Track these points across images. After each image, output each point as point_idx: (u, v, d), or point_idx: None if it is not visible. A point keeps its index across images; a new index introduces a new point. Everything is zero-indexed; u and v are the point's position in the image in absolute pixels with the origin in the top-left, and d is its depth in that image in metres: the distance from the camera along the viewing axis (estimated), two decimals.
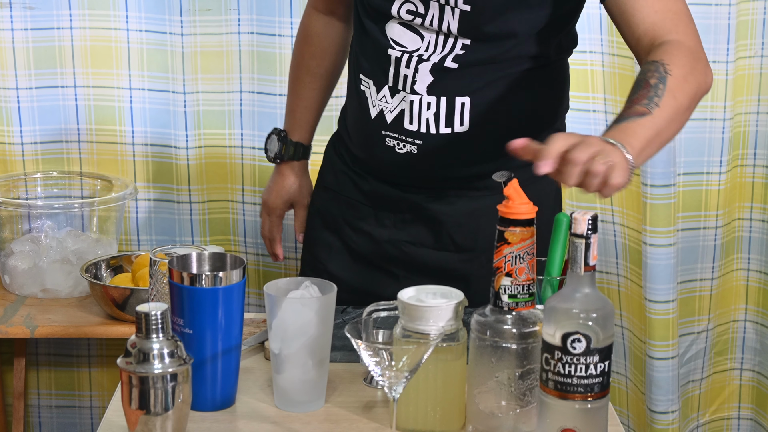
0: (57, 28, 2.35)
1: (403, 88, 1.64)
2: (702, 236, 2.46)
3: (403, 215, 1.72)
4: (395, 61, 1.64)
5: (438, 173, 1.67)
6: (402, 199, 1.72)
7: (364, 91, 1.69)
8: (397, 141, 1.66)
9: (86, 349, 2.52)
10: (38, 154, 2.41)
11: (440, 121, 1.63)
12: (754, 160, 2.45)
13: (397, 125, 1.65)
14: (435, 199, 1.70)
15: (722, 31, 2.35)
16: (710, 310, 2.50)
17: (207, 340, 1.34)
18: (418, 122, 1.64)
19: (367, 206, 1.75)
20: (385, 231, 1.74)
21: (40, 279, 2.23)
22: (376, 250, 1.74)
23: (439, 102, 1.63)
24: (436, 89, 1.62)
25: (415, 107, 1.63)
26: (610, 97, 2.38)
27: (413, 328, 1.29)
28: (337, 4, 1.84)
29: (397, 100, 1.65)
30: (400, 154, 1.67)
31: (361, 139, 1.73)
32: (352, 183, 1.76)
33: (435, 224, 1.71)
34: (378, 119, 1.67)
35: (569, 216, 1.33)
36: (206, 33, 2.35)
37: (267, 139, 1.91)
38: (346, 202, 1.77)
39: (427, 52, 1.62)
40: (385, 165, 1.70)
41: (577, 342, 1.22)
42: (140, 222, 2.45)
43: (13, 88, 2.37)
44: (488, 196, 1.68)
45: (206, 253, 1.39)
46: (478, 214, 1.70)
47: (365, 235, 1.75)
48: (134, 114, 2.40)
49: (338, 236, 1.78)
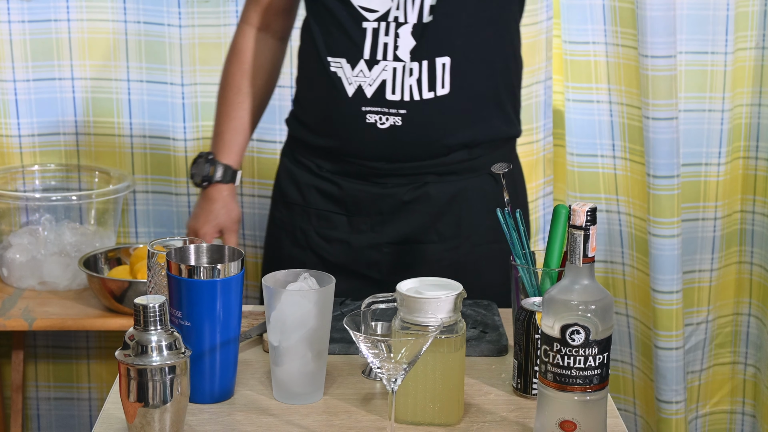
0: (54, 20, 2.35)
1: (383, 57, 1.62)
2: (701, 227, 2.45)
3: (381, 216, 1.70)
4: (372, 32, 1.62)
5: (422, 146, 1.66)
6: (379, 197, 1.69)
7: (335, 72, 1.65)
8: (379, 115, 1.64)
9: (84, 342, 2.52)
10: (36, 147, 2.41)
11: (423, 87, 1.63)
12: (756, 152, 2.45)
13: (379, 98, 1.63)
14: (414, 190, 1.69)
15: (721, 23, 2.35)
16: (709, 301, 2.50)
17: (205, 332, 1.34)
18: (402, 91, 1.63)
19: (340, 215, 1.72)
20: (363, 236, 1.71)
21: (38, 271, 2.23)
22: (354, 257, 1.71)
23: (421, 67, 1.62)
24: (419, 53, 1.62)
25: (398, 75, 1.62)
26: (614, 87, 2.38)
27: (412, 320, 1.29)
28: (273, 17, 1.79)
29: (377, 72, 1.63)
30: (383, 130, 1.64)
31: (335, 127, 1.68)
32: (319, 193, 1.73)
33: (416, 217, 1.70)
34: (356, 96, 1.64)
35: (568, 207, 1.32)
36: (204, 24, 2.34)
37: (193, 163, 1.83)
38: (315, 214, 1.73)
39: (399, 11, 1.61)
40: (366, 147, 1.66)
41: (576, 334, 1.22)
42: (138, 214, 2.45)
43: (10, 80, 2.36)
44: (467, 179, 1.68)
45: (204, 245, 1.39)
46: (459, 200, 1.70)
47: (341, 245, 1.72)
48: (132, 106, 2.39)
49: (311, 251, 1.74)
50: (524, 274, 1.42)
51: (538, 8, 2.34)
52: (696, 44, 2.37)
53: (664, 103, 2.28)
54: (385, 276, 1.70)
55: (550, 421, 1.24)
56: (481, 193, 1.71)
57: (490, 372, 1.46)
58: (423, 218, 1.70)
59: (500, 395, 1.40)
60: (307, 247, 1.74)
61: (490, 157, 1.70)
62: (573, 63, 2.38)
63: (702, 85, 2.39)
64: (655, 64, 2.26)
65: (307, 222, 1.74)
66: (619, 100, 2.38)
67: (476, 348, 1.50)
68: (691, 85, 2.39)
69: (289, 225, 1.77)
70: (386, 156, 1.66)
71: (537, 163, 2.43)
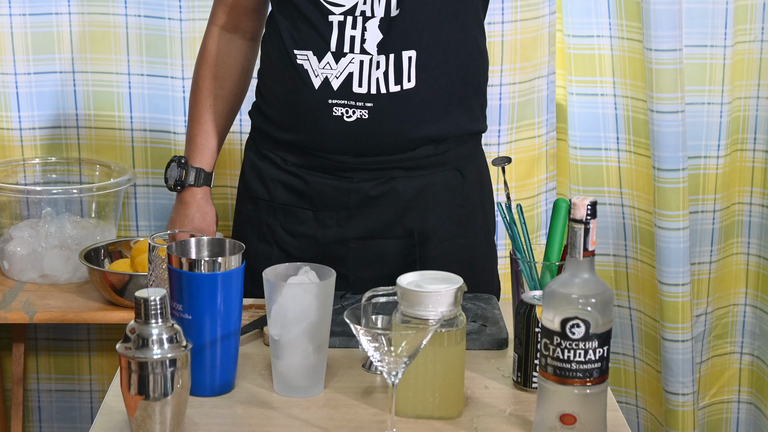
0: (55, 14, 2.35)
1: (350, 50, 1.62)
2: (700, 220, 2.46)
3: (348, 211, 1.69)
4: (338, 25, 1.62)
5: (389, 140, 1.65)
6: (346, 191, 1.68)
7: (301, 64, 1.64)
8: (345, 108, 1.63)
9: (86, 334, 2.52)
10: (37, 140, 2.41)
11: (389, 80, 1.63)
12: (754, 144, 2.45)
13: (345, 90, 1.63)
14: (381, 185, 1.68)
15: (720, 16, 2.35)
16: (709, 293, 2.50)
17: (206, 325, 1.34)
18: (368, 84, 1.62)
19: (306, 209, 1.71)
20: (329, 231, 1.70)
21: (39, 264, 2.23)
22: (321, 252, 1.69)
23: (387, 60, 1.62)
24: (386, 46, 1.62)
25: (365, 68, 1.62)
26: (619, 80, 2.38)
27: (412, 314, 1.29)
28: (242, 18, 1.77)
29: (344, 64, 1.63)
30: (349, 123, 1.64)
31: (301, 120, 1.67)
32: (285, 188, 1.71)
33: (383, 212, 1.69)
34: (323, 88, 1.64)
35: (568, 201, 1.33)
36: (205, 18, 2.33)
37: (166, 168, 1.82)
38: (281, 209, 1.72)
39: (366, 5, 1.61)
40: (333, 141, 1.65)
41: (576, 327, 1.22)
42: (139, 207, 2.45)
43: (11, 73, 2.36)
44: (434, 174, 1.68)
45: (205, 239, 1.39)
46: (426, 195, 1.69)
47: (307, 240, 1.71)
48: (133, 99, 2.39)
49: (277, 246, 1.73)
50: (524, 268, 1.42)
51: (540, 3, 2.34)
52: (696, 38, 2.37)
53: (669, 97, 2.28)
54: (351, 271, 1.69)
55: (550, 415, 1.25)
56: (448, 188, 1.71)
57: (490, 365, 1.46)
58: (390, 213, 1.69)
59: (500, 389, 1.41)
60: (273, 242, 1.73)
61: (456, 152, 1.70)
62: (576, 57, 2.38)
63: (701, 79, 2.39)
64: (659, 58, 2.26)
65: (272, 217, 1.73)
66: (624, 93, 2.38)
67: (476, 341, 1.51)
68: (691, 79, 2.39)
69: (254, 220, 1.75)
70: (353, 150, 1.66)
71: (540, 158, 2.43)
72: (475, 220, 1.75)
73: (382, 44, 1.62)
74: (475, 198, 1.74)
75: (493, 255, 1.81)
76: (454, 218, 1.72)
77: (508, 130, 2.39)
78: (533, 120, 2.40)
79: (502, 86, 2.33)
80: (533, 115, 2.40)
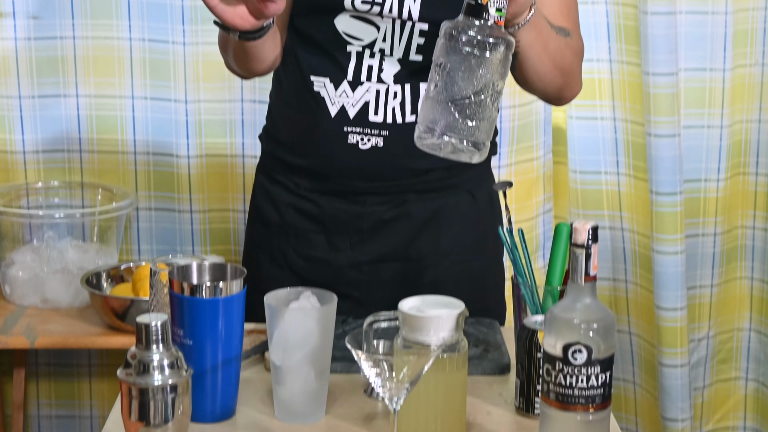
0: (60, 38, 2.36)
1: (367, 79, 1.63)
2: (701, 243, 2.46)
3: (361, 234, 1.69)
4: (357, 56, 1.62)
5: (403, 167, 1.65)
6: (359, 215, 1.68)
7: (318, 92, 1.64)
8: (361, 135, 1.63)
9: (86, 359, 2.52)
10: (40, 163, 2.41)
11: (406, 110, 1.63)
12: (756, 168, 2.45)
13: (362, 118, 1.63)
14: (394, 208, 1.69)
15: (719, 39, 2.36)
16: (710, 317, 2.50)
17: (207, 350, 1.34)
18: (384, 113, 1.63)
19: (318, 234, 1.70)
20: (342, 255, 1.69)
21: (41, 289, 2.23)
22: (334, 277, 1.69)
23: (404, 90, 1.63)
24: (403, 77, 1.62)
25: (381, 97, 1.62)
26: (618, 104, 2.38)
27: (414, 339, 1.29)
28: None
29: (360, 93, 1.63)
30: (364, 151, 1.63)
31: (316, 146, 1.67)
32: (297, 212, 1.71)
33: (395, 235, 1.69)
34: (339, 116, 1.64)
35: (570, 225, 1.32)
36: (208, 42, 2.35)
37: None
38: (293, 233, 1.71)
39: (385, 43, 1.61)
40: (347, 167, 1.65)
41: (578, 353, 1.21)
42: (141, 231, 2.45)
43: (15, 96, 2.37)
44: (446, 196, 1.69)
45: (207, 264, 1.39)
46: (438, 218, 1.70)
47: (320, 264, 1.70)
48: (136, 122, 2.40)
49: (290, 270, 1.72)
50: (526, 293, 1.42)
51: None
52: (695, 61, 2.38)
53: (666, 120, 2.29)
54: (364, 294, 1.69)
55: None
56: (460, 211, 1.71)
57: (493, 391, 1.46)
58: (403, 236, 1.69)
59: (503, 414, 1.40)
60: (286, 267, 1.72)
61: (467, 174, 1.71)
62: None
63: (701, 102, 2.40)
64: (657, 82, 2.27)
65: (285, 241, 1.72)
66: (624, 116, 2.39)
67: (478, 367, 1.50)
68: (690, 102, 2.39)
69: (266, 244, 1.75)
70: (366, 175, 1.66)
71: (537, 180, 2.43)
72: (486, 243, 1.75)
73: (398, 75, 1.62)
74: (486, 220, 1.74)
75: (502, 277, 1.81)
76: (467, 240, 1.72)
77: (508, 152, 2.39)
78: (532, 142, 2.41)
79: (502, 109, 2.34)
80: (532, 138, 2.40)
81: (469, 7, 1.30)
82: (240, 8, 1.44)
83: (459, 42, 1.30)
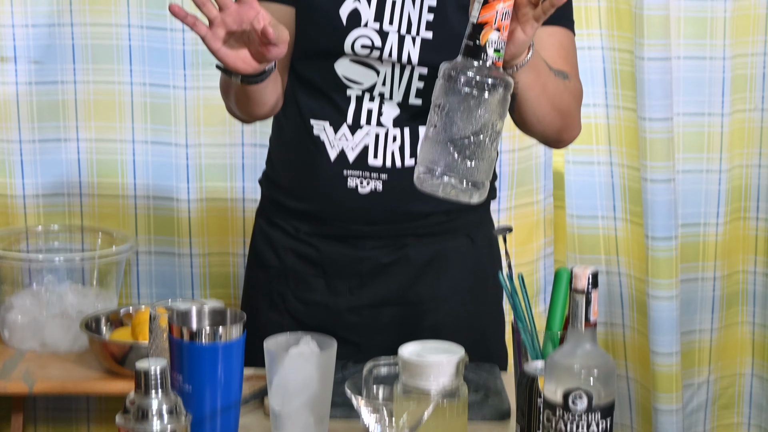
0: (61, 82, 2.37)
1: (367, 122, 1.63)
2: (700, 287, 2.46)
3: (360, 278, 1.69)
4: (356, 99, 1.63)
5: (402, 209, 1.65)
6: (358, 259, 1.68)
7: (318, 136, 1.65)
8: (360, 179, 1.64)
9: (85, 405, 2.50)
10: (40, 208, 2.42)
11: (405, 154, 1.64)
12: (757, 212, 2.46)
13: (361, 162, 1.64)
14: (394, 252, 1.69)
15: (717, 84, 2.38)
16: (710, 361, 2.49)
17: (206, 396, 1.33)
18: (383, 156, 1.63)
19: (318, 278, 1.70)
20: (341, 299, 1.69)
21: (40, 333, 2.22)
22: (333, 321, 1.69)
23: (403, 134, 1.63)
24: (402, 121, 1.63)
25: (380, 141, 1.63)
26: (615, 149, 2.39)
27: (414, 385, 1.28)
28: None
29: (360, 136, 1.64)
30: (363, 195, 1.64)
31: (315, 190, 1.67)
32: (296, 256, 1.71)
33: (395, 279, 1.69)
34: (339, 160, 1.64)
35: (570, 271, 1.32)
36: (209, 86, 2.36)
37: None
38: (293, 277, 1.71)
39: (384, 87, 1.62)
40: (346, 211, 1.66)
41: (579, 399, 1.21)
42: (141, 275, 2.45)
43: (16, 141, 2.38)
44: (446, 240, 1.69)
45: (206, 309, 1.38)
46: (438, 262, 1.69)
47: (319, 308, 1.70)
48: (136, 166, 2.41)
49: (289, 314, 1.72)
50: (526, 338, 1.41)
51: None
52: (693, 106, 2.39)
53: (661, 165, 2.30)
54: (363, 339, 1.69)
55: None
56: (459, 255, 1.71)
57: None
58: (402, 280, 1.69)
59: None
60: (285, 311, 1.72)
61: (467, 219, 1.71)
62: None
63: (699, 146, 2.41)
64: (652, 127, 2.28)
65: (284, 285, 1.72)
66: (620, 161, 2.40)
67: (478, 412, 1.49)
68: (689, 146, 2.40)
69: (265, 288, 1.75)
70: (365, 219, 1.66)
71: (537, 224, 2.43)
72: (486, 287, 1.75)
73: (398, 119, 1.63)
74: (486, 264, 1.74)
75: (502, 322, 1.81)
76: (466, 285, 1.72)
77: (508, 196, 2.40)
78: (532, 186, 2.41)
79: (502, 153, 2.35)
80: (531, 182, 2.41)
81: (468, 48, 1.31)
82: (242, 52, 1.46)
83: (458, 82, 1.30)
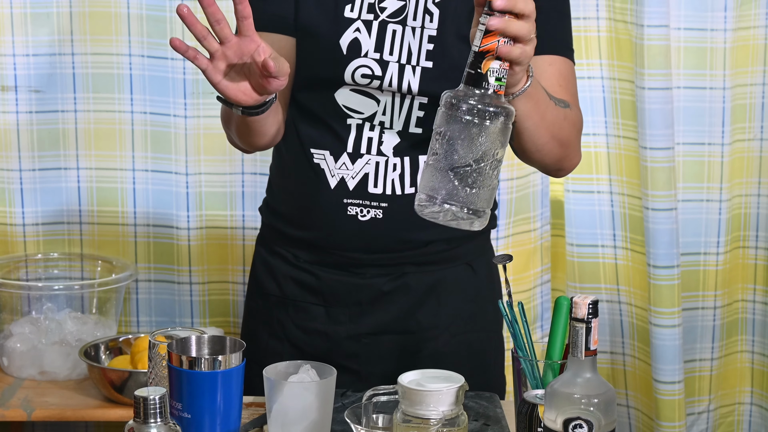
0: (61, 111, 2.38)
1: (367, 151, 1.64)
2: (700, 316, 2.45)
3: (360, 306, 1.69)
4: (356, 128, 1.64)
5: (402, 239, 1.66)
6: (358, 287, 1.68)
7: (318, 164, 1.66)
8: (360, 207, 1.64)
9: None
10: (40, 236, 2.42)
11: (405, 182, 1.64)
12: (756, 242, 2.46)
13: (361, 190, 1.64)
14: (394, 280, 1.69)
15: (717, 114, 2.39)
16: (710, 390, 2.48)
17: (205, 424, 1.33)
18: (383, 185, 1.64)
19: (317, 306, 1.70)
20: (341, 327, 1.69)
21: (39, 361, 2.22)
22: (333, 349, 1.68)
23: (403, 162, 1.64)
24: (402, 150, 1.64)
25: (380, 169, 1.63)
26: (615, 178, 2.40)
27: (413, 413, 1.28)
28: None
29: (360, 165, 1.64)
30: (363, 222, 1.64)
31: (315, 218, 1.67)
32: (296, 284, 1.71)
33: (395, 307, 1.69)
34: (339, 188, 1.65)
35: (570, 300, 1.32)
36: (209, 115, 2.37)
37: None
38: (293, 305, 1.71)
39: (385, 116, 1.63)
40: (346, 239, 1.66)
41: (579, 428, 1.21)
42: (140, 303, 2.45)
43: (16, 169, 2.38)
44: (446, 268, 1.69)
45: (205, 337, 1.38)
46: (438, 290, 1.69)
47: (319, 336, 1.70)
48: (136, 195, 2.41)
49: (288, 342, 1.72)
50: (526, 366, 1.41)
51: None
52: (693, 135, 2.40)
53: (662, 194, 2.30)
54: (363, 367, 1.69)
55: None
56: (459, 283, 1.71)
57: None
58: (402, 308, 1.69)
59: None
60: (285, 339, 1.72)
61: (467, 247, 1.71)
62: None
63: (699, 176, 2.41)
64: (654, 156, 2.29)
65: (284, 313, 1.72)
66: (621, 190, 2.40)
67: None
68: (689, 176, 2.41)
69: (265, 316, 1.74)
70: (366, 247, 1.66)
71: (535, 252, 2.44)
72: (486, 315, 1.75)
73: (398, 147, 1.64)
74: (486, 293, 1.74)
75: (501, 350, 1.80)
76: (466, 313, 1.72)
77: (506, 224, 2.40)
78: (529, 214, 2.41)
79: (500, 182, 2.35)
80: (529, 209, 2.41)
81: (470, 77, 1.32)
82: (243, 84, 1.46)
83: (459, 111, 1.31)
